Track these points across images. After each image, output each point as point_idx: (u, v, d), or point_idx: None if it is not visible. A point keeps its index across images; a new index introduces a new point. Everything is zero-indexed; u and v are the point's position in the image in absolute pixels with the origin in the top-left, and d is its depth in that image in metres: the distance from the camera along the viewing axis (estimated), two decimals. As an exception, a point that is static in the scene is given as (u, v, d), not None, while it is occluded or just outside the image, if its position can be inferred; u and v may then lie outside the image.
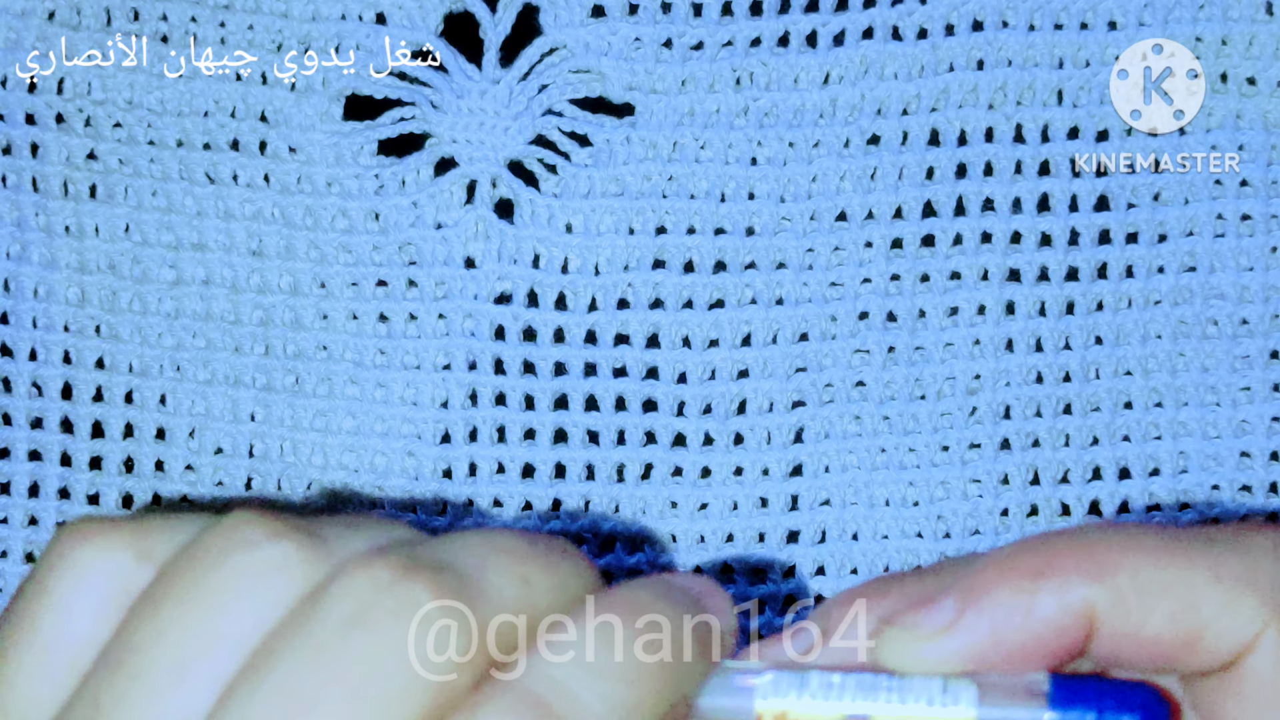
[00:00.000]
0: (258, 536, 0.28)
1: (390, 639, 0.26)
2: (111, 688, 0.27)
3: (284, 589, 0.27)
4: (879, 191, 0.44)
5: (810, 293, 0.44)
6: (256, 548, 0.27)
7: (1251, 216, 0.45)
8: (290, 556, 0.27)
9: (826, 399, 0.44)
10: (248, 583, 0.27)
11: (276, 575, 0.27)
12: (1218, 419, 0.45)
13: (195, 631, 0.27)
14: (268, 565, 0.27)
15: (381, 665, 0.26)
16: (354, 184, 0.43)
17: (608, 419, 0.44)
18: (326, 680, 0.26)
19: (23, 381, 0.44)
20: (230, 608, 0.27)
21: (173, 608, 0.27)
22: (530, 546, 0.28)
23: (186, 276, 0.44)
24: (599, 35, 0.43)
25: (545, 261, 0.44)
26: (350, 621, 0.26)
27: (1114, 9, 0.44)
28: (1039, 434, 0.45)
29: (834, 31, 0.44)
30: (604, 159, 0.43)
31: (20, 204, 0.44)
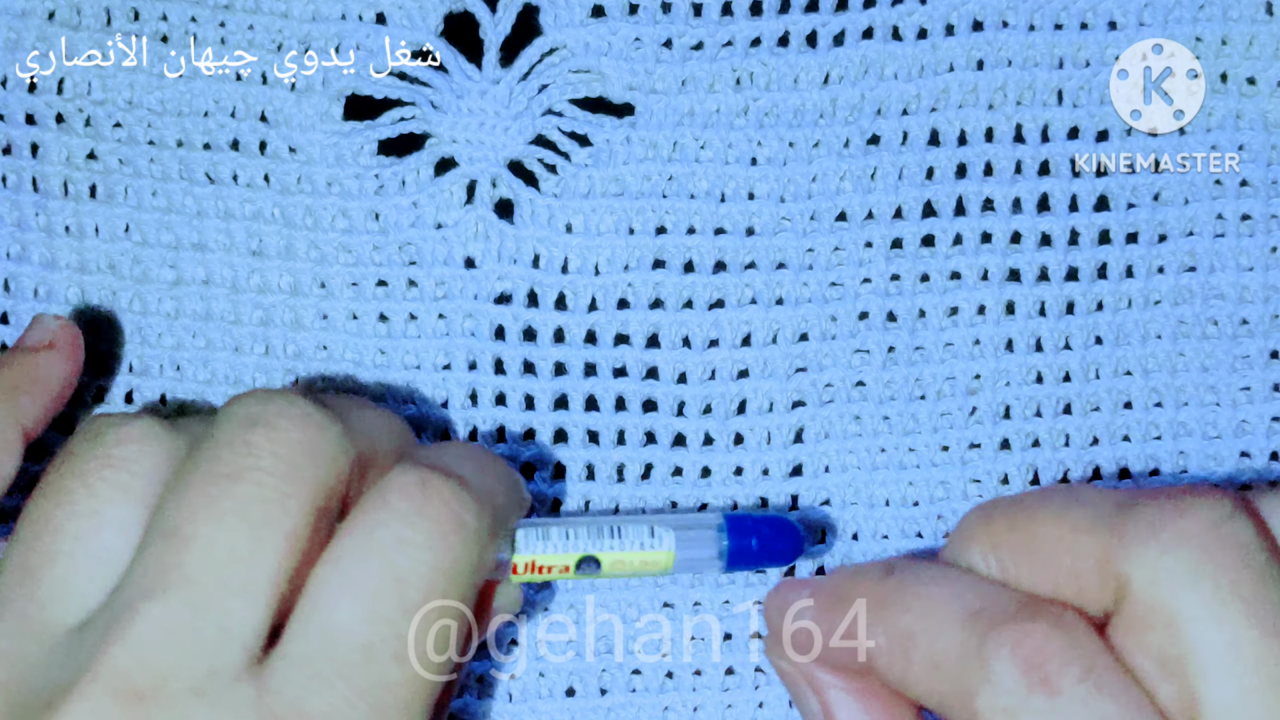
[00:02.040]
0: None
1: (285, 431, 0.32)
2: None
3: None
4: (879, 191, 0.44)
5: (810, 293, 0.44)
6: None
7: (1251, 216, 0.45)
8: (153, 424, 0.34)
9: (826, 399, 0.44)
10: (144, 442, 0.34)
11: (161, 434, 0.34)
12: (1218, 419, 0.45)
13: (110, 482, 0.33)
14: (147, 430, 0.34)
15: (282, 447, 0.32)
16: (354, 184, 0.43)
17: (608, 419, 0.44)
18: (242, 463, 0.32)
19: (23, 381, 0.44)
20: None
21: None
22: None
23: (186, 276, 0.44)
24: (599, 35, 0.43)
25: (545, 261, 0.44)
26: (248, 421, 0.33)
27: (1114, 9, 0.44)
28: (1039, 434, 0.45)
29: (834, 31, 0.44)
30: (604, 159, 0.43)
31: (20, 204, 0.44)
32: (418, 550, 0.32)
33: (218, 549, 0.31)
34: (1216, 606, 0.29)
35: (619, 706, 0.44)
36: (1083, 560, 0.31)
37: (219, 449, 0.33)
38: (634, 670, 0.44)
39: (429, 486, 0.33)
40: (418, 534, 0.32)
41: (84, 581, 0.32)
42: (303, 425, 0.33)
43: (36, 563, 0.33)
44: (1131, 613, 0.30)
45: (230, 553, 0.31)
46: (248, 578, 0.31)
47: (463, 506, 0.33)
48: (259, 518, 0.32)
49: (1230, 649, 0.29)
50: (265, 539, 0.32)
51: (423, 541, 0.32)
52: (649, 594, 0.44)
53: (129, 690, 0.30)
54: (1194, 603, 0.29)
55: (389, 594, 0.32)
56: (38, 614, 0.32)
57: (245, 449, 0.32)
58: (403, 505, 0.33)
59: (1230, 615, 0.29)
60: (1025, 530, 0.32)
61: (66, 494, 0.33)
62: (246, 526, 0.32)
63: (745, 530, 0.39)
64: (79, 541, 0.33)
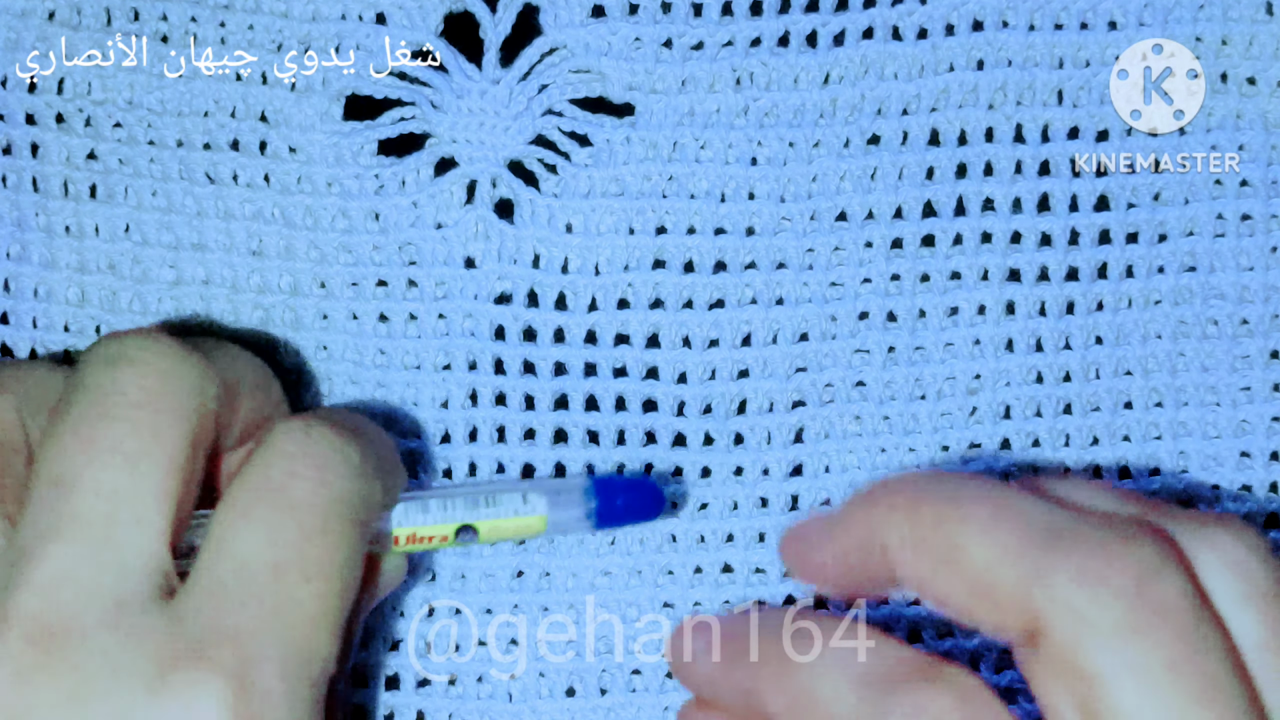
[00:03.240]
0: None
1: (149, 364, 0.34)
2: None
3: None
4: (879, 191, 0.44)
5: (810, 293, 0.44)
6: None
7: (1251, 216, 0.45)
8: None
9: (826, 399, 0.44)
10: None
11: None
12: (1218, 419, 0.45)
13: None
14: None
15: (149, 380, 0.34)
16: (354, 184, 0.43)
17: (608, 419, 0.44)
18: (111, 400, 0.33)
19: (23, 381, 0.44)
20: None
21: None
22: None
23: (186, 276, 0.44)
24: (599, 35, 0.43)
25: (545, 261, 0.44)
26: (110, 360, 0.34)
27: (1114, 9, 0.44)
28: (1039, 434, 0.45)
29: (834, 31, 0.44)
30: (604, 159, 0.43)
31: (20, 204, 0.44)
32: (307, 481, 0.34)
33: (103, 487, 0.33)
34: (1143, 673, 0.28)
35: (619, 706, 0.44)
36: (1003, 588, 0.30)
37: (88, 391, 0.34)
38: (634, 670, 0.44)
39: (312, 430, 0.35)
40: (307, 468, 0.34)
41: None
42: (165, 357, 0.34)
43: None
44: (1052, 655, 0.29)
45: (115, 489, 0.33)
46: (136, 511, 0.33)
47: (346, 444, 0.35)
48: (136, 451, 0.33)
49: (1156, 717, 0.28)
50: (146, 471, 0.33)
51: (312, 475, 0.34)
52: (649, 594, 0.44)
53: (41, 631, 0.31)
54: (1119, 666, 0.28)
55: (287, 520, 0.33)
56: None
57: (113, 387, 0.33)
58: (290, 447, 0.34)
59: (1157, 684, 0.28)
60: (949, 537, 0.31)
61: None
62: (126, 461, 0.33)
63: (611, 491, 0.41)
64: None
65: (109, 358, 0.34)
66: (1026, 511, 0.30)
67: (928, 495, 0.31)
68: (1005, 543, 0.30)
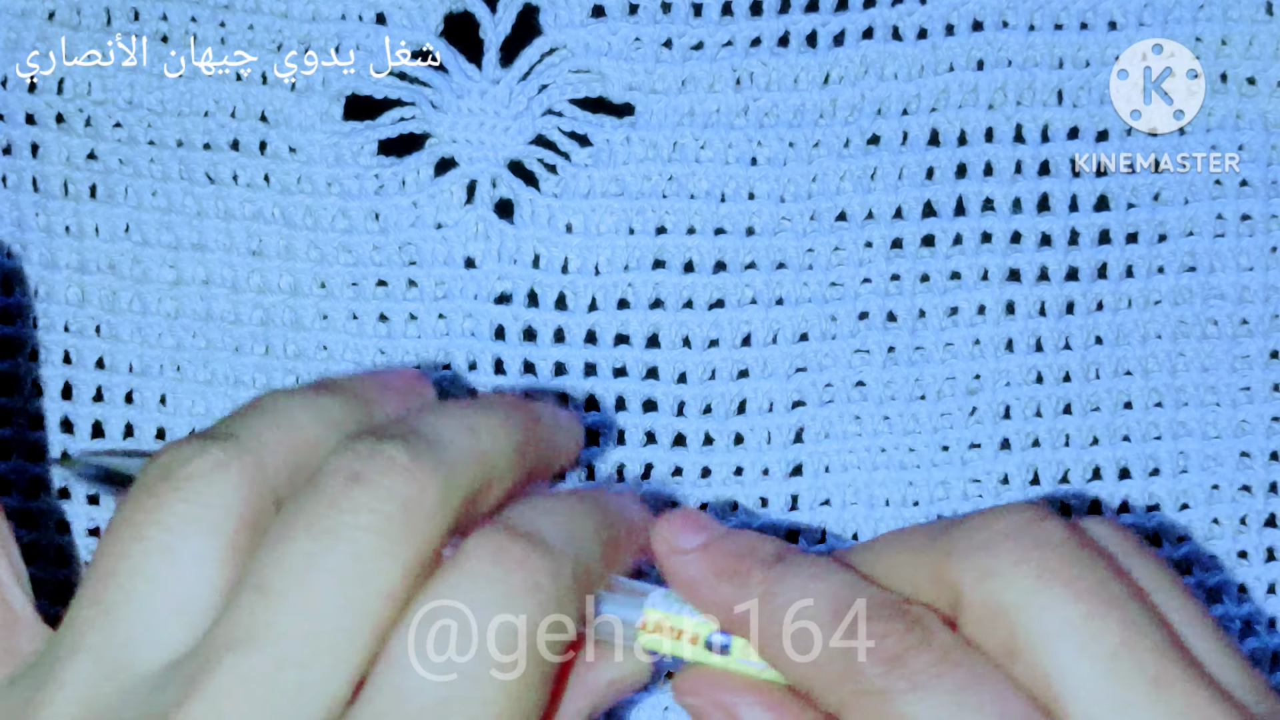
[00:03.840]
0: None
1: (388, 490, 0.32)
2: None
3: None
4: (879, 191, 0.44)
5: (810, 293, 0.44)
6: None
7: (1251, 216, 0.45)
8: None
9: (826, 399, 0.44)
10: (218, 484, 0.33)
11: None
12: (1218, 419, 0.45)
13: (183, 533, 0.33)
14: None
15: (384, 505, 0.32)
16: (354, 184, 0.43)
17: (608, 419, 0.44)
18: (342, 520, 0.31)
19: (23, 382, 0.44)
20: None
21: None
22: (471, 406, 0.35)
23: (186, 276, 0.44)
24: (599, 35, 0.43)
25: (545, 261, 0.44)
26: (350, 479, 0.32)
27: (1114, 9, 0.44)
28: (1039, 434, 0.45)
29: (834, 31, 0.44)
30: (604, 159, 0.43)
31: (20, 204, 0.44)
32: (488, 607, 0.32)
33: (309, 606, 0.31)
34: (1042, 593, 0.32)
35: (618, 706, 0.44)
36: (921, 577, 0.33)
37: (319, 504, 0.32)
38: (634, 670, 0.44)
39: (503, 552, 0.32)
40: (489, 594, 0.32)
41: (162, 622, 0.32)
42: (404, 483, 0.32)
43: (113, 602, 0.32)
44: (970, 614, 0.32)
45: (321, 611, 0.31)
46: (336, 636, 0.31)
47: (538, 570, 0.33)
48: (353, 577, 0.31)
49: (1064, 628, 0.31)
50: (358, 598, 0.31)
51: (492, 601, 0.32)
52: (649, 594, 0.44)
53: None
54: (1020, 591, 0.32)
55: (460, 651, 0.32)
56: (115, 656, 0.32)
57: (347, 505, 0.32)
58: (476, 568, 0.32)
59: (1055, 597, 0.31)
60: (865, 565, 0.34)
61: (139, 529, 0.32)
62: (340, 585, 0.31)
63: None
64: (155, 580, 0.32)
65: (348, 474, 0.32)
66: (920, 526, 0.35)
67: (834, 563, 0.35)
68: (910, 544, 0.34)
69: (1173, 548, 0.45)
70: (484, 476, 0.34)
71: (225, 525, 0.32)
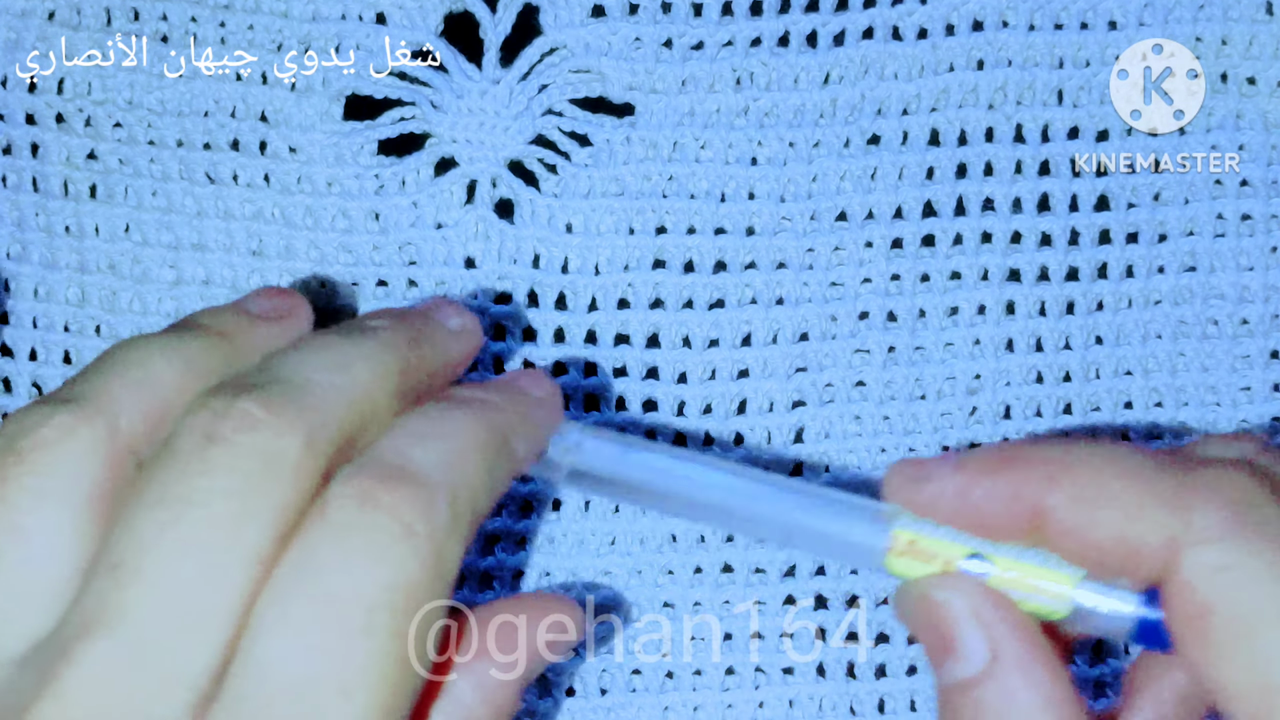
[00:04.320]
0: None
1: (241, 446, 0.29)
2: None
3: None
4: (879, 191, 0.44)
5: (810, 293, 0.44)
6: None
7: (1251, 216, 0.45)
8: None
9: (826, 399, 0.44)
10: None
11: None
12: (1218, 419, 0.45)
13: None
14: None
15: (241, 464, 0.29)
16: (354, 184, 0.43)
17: (608, 419, 0.44)
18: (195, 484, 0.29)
19: (23, 381, 0.44)
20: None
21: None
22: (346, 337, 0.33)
23: (186, 276, 0.44)
24: (599, 35, 0.43)
25: (545, 261, 0.44)
26: (204, 440, 0.29)
27: (1114, 9, 0.44)
28: (1039, 434, 0.45)
29: (834, 31, 0.44)
30: (604, 159, 0.43)
31: (20, 204, 0.44)
32: (358, 569, 0.29)
33: (164, 583, 0.28)
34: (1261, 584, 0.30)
35: (619, 706, 0.44)
36: (1146, 543, 0.31)
37: (171, 470, 0.30)
38: (634, 670, 0.44)
39: (369, 498, 0.30)
40: (358, 553, 0.29)
41: (17, 607, 0.30)
42: (265, 439, 0.30)
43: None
44: (1187, 597, 0.31)
45: (178, 588, 0.28)
46: (196, 615, 0.28)
47: (410, 511, 0.30)
48: (212, 546, 0.29)
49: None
50: (219, 571, 0.29)
51: (363, 560, 0.29)
52: (649, 594, 0.44)
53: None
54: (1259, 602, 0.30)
55: (328, 624, 0.29)
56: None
57: (200, 468, 0.29)
58: (337, 518, 0.29)
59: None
60: (1098, 497, 0.32)
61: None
62: (197, 558, 0.29)
63: None
64: (4, 562, 0.30)
65: (202, 433, 0.30)
66: (1153, 472, 0.32)
67: (1080, 461, 0.32)
68: (1142, 502, 0.31)
69: (1173, 548, 0.45)
70: (357, 416, 0.31)
71: (78, 496, 0.30)
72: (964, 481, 0.33)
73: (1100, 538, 0.32)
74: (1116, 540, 0.31)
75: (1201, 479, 0.32)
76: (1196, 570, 0.31)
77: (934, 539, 0.33)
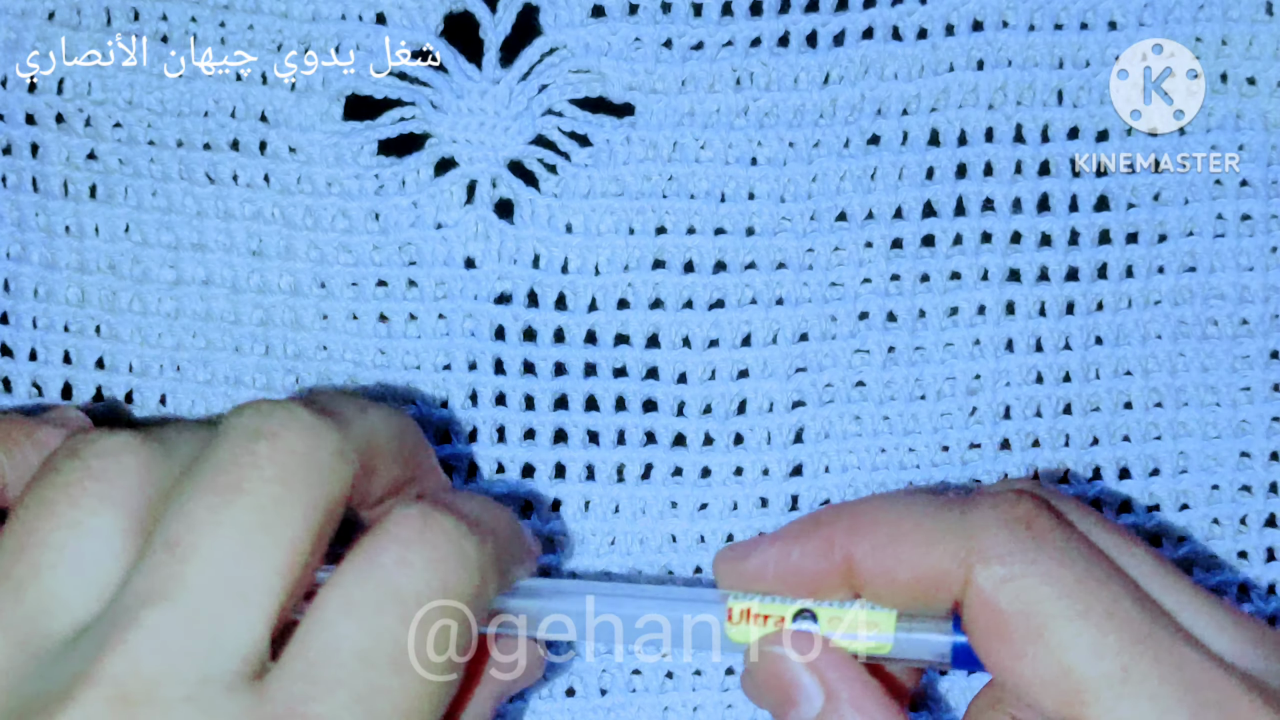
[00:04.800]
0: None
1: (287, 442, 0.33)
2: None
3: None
4: (879, 191, 0.44)
5: (810, 293, 0.44)
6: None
7: (1251, 216, 0.45)
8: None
9: (826, 399, 0.44)
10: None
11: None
12: (1218, 419, 0.45)
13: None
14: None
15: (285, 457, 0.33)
16: (354, 184, 0.43)
17: (608, 419, 0.44)
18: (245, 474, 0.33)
19: (23, 381, 0.44)
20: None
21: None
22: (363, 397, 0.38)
23: (186, 276, 0.44)
24: (599, 35, 0.43)
25: (545, 261, 0.44)
26: (251, 434, 0.33)
27: (1114, 9, 0.44)
28: (1039, 434, 0.45)
29: (834, 31, 0.44)
30: (604, 159, 0.43)
31: (20, 204, 0.44)
32: (417, 570, 0.33)
33: (217, 559, 0.32)
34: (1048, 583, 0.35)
35: (619, 706, 0.44)
36: (934, 558, 0.36)
37: (221, 460, 0.33)
38: (634, 670, 0.44)
39: (430, 518, 0.34)
40: (418, 557, 0.33)
41: (71, 592, 0.33)
42: (304, 436, 0.33)
43: (22, 575, 0.33)
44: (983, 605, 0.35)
45: (229, 563, 0.32)
46: (246, 588, 0.32)
47: (463, 537, 0.34)
48: (259, 528, 0.32)
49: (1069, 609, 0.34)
50: (265, 550, 0.32)
51: (422, 564, 0.33)
52: (649, 594, 0.44)
53: (121, 696, 0.31)
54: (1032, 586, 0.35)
55: (388, 608, 0.33)
56: (26, 626, 0.32)
57: (248, 460, 0.33)
58: (403, 533, 0.34)
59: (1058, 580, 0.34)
60: (888, 527, 0.36)
61: (49, 506, 0.33)
62: (246, 537, 0.32)
63: None
64: (63, 552, 0.33)
65: (250, 430, 0.33)
66: (939, 509, 0.36)
67: (875, 510, 0.37)
68: (932, 537, 0.36)
69: (1173, 548, 0.45)
70: (373, 446, 0.35)
71: (130, 500, 0.33)
72: (781, 549, 0.37)
73: (903, 574, 0.36)
74: (917, 573, 0.35)
75: (983, 506, 0.36)
76: (986, 585, 0.34)
77: (764, 604, 0.37)
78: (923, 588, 0.36)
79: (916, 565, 0.35)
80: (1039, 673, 0.34)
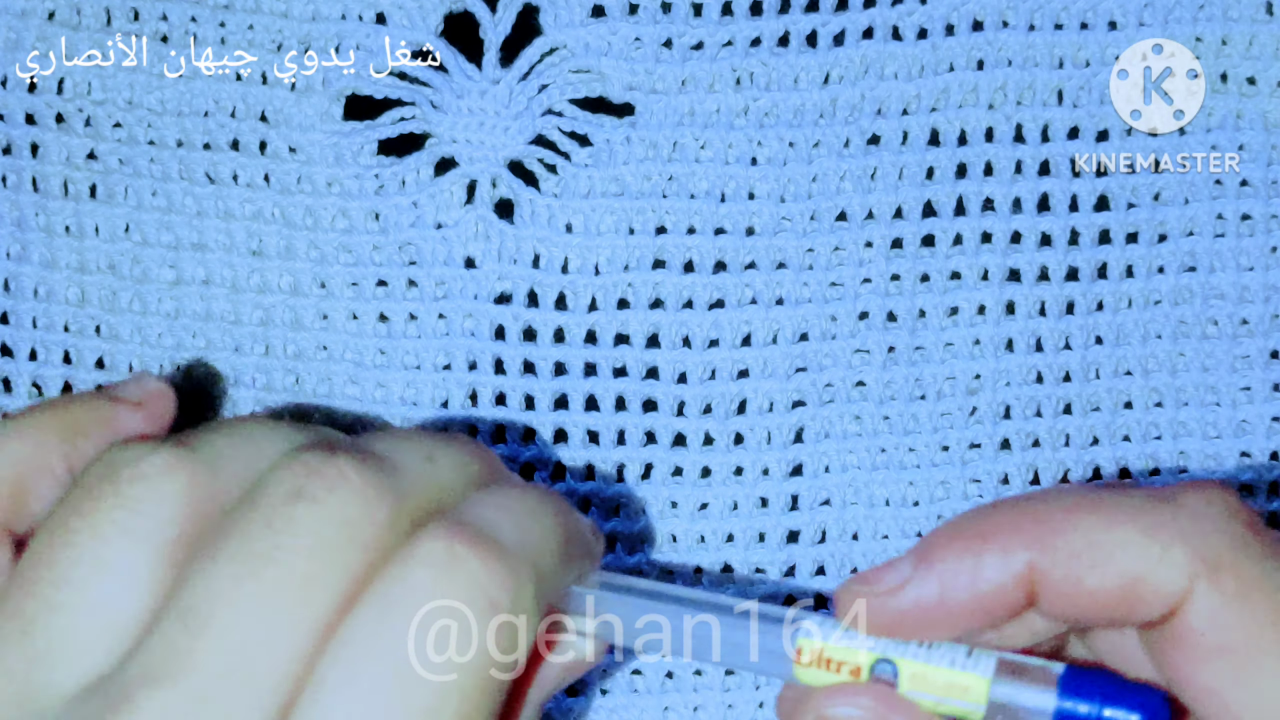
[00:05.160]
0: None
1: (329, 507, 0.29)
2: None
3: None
4: (879, 191, 0.44)
5: (810, 293, 0.44)
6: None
7: (1251, 216, 0.45)
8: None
9: (826, 399, 0.44)
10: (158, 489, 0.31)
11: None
12: (1218, 419, 0.45)
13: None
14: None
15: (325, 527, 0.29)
16: (354, 184, 0.43)
17: (608, 419, 0.44)
18: (278, 541, 0.29)
19: (23, 381, 0.44)
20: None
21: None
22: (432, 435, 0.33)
23: (186, 276, 0.44)
24: (599, 35, 0.43)
25: (545, 261, 0.44)
26: (292, 495, 0.29)
27: (1114, 9, 0.44)
28: (1039, 434, 0.45)
29: (834, 31, 0.44)
30: (604, 159, 0.43)
31: (20, 204, 0.44)
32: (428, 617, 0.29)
33: (232, 638, 0.29)
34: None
35: (619, 707, 0.44)
36: (1151, 578, 0.30)
37: (253, 525, 0.30)
38: (634, 670, 0.44)
39: (455, 560, 0.30)
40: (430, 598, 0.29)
41: (84, 638, 0.30)
42: (351, 504, 0.30)
43: (34, 611, 0.30)
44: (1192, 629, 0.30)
45: (245, 644, 0.29)
46: (260, 672, 0.28)
47: (493, 583, 0.30)
48: (284, 607, 0.29)
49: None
50: (285, 634, 0.29)
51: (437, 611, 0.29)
52: (649, 594, 0.44)
53: None
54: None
55: (393, 694, 0.29)
56: (28, 672, 0.29)
57: (283, 525, 0.29)
58: (424, 579, 0.29)
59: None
60: (1090, 541, 0.31)
61: (71, 536, 0.30)
62: (267, 617, 0.29)
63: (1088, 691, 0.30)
64: (82, 593, 0.30)
65: (290, 490, 0.30)
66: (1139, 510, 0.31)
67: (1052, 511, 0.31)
68: (1129, 538, 0.30)
69: (1173, 548, 0.45)
70: (436, 504, 0.31)
71: (161, 539, 0.30)
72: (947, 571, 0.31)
73: (1102, 583, 0.30)
74: (1122, 582, 0.30)
75: (1194, 501, 0.31)
76: (1214, 599, 0.30)
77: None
78: (1123, 598, 0.30)
79: (1123, 572, 0.30)
80: (1263, 700, 0.29)
